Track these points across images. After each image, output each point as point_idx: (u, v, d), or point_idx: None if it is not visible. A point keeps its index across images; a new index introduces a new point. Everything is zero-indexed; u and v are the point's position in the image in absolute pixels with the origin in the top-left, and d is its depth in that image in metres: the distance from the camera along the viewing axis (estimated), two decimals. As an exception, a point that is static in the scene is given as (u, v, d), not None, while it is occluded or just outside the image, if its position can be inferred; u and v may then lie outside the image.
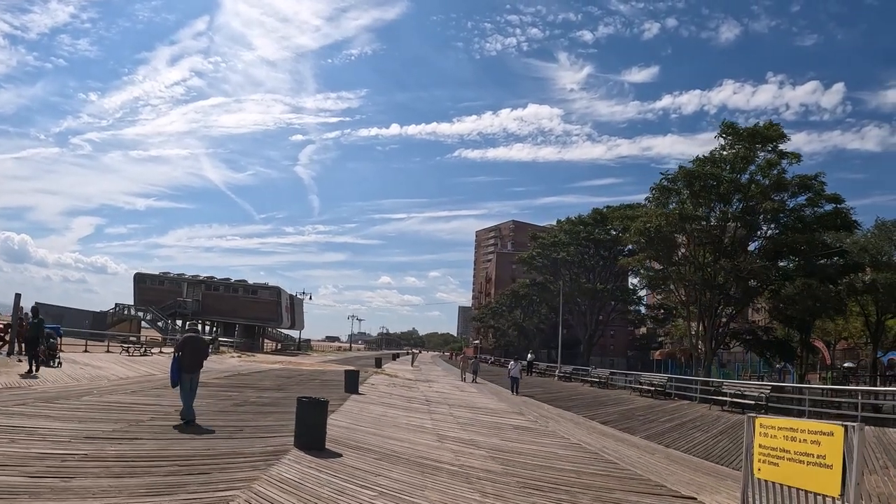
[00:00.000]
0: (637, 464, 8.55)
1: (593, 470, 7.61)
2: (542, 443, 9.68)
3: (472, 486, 6.02)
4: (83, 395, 9.53)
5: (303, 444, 6.85)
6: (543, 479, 6.72)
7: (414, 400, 15.54)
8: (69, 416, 7.46)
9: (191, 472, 5.33)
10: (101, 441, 6.25)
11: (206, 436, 7.32)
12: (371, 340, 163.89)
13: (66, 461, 5.26)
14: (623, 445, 10.47)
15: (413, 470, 6.47)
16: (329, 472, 5.86)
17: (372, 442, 7.99)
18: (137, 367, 15.83)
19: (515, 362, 21.66)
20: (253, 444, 7.08)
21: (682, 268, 22.55)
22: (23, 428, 6.36)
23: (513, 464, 7.42)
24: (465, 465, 7.03)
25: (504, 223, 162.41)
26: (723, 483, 8.05)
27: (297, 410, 7.17)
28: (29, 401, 8.20)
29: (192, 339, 8.53)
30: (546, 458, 8.18)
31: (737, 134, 21.86)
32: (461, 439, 9.17)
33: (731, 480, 8.24)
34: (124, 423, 7.50)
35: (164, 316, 41.45)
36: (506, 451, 8.33)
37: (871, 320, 23.78)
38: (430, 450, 7.91)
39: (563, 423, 13.16)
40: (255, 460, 6.03)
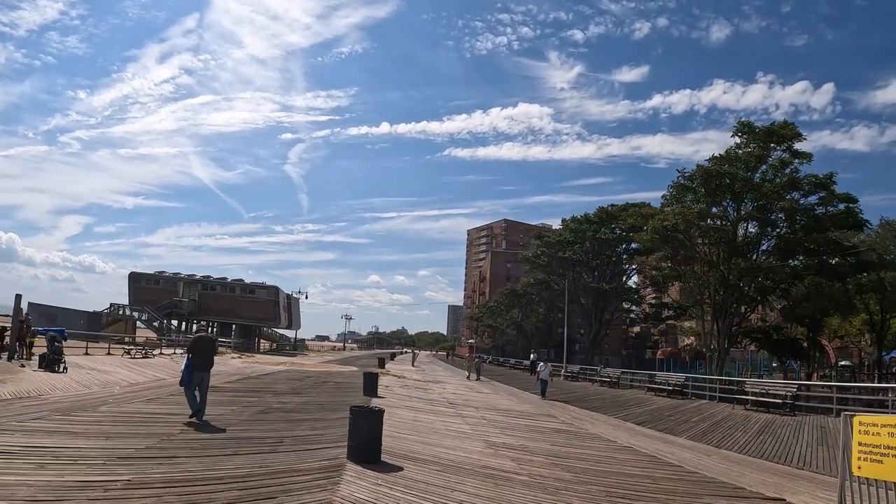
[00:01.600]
0: (701, 466, 8.26)
1: (663, 474, 7.35)
2: (593, 446, 9.37)
3: (556, 497, 5.68)
4: (99, 404, 8.79)
5: (358, 456, 6.38)
6: (622, 486, 6.45)
7: (436, 402, 15.04)
8: (94, 432, 6.76)
9: (256, 497, 4.74)
10: (138, 462, 5.60)
11: (248, 449, 6.74)
12: (362, 340, 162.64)
13: (109, 490, 4.62)
14: (674, 447, 10.18)
15: (486, 482, 6.03)
16: (401, 489, 5.40)
17: (423, 451, 7.55)
18: (144, 370, 15.00)
19: (545, 364, 20.52)
20: (301, 457, 6.53)
21: (698, 266, 22.44)
22: (48, 448, 5.66)
23: (579, 471, 7.09)
24: (535, 475, 6.64)
25: (496, 222, 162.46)
26: (797, 482, 7.84)
27: (350, 420, 6.68)
28: (45, 413, 7.46)
29: (202, 338, 8.69)
30: (608, 463, 7.86)
31: (752, 133, 21.83)
32: (510, 445, 8.79)
33: (802, 480, 8.09)
34: (155, 437, 6.84)
35: (159, 316, 40.19)
36: (564, 457, 7.98)
37: (876, 319, 24.05)
38: (486, 458, 7.49)
39: (599, 424, 12.83)
40: (316, 478, 5.51)
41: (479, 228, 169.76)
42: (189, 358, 8.31)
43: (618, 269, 41.36)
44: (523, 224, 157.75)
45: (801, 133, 21.18)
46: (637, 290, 41.68)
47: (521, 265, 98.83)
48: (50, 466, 5.07)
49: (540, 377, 19.50)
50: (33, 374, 11.15)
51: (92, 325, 31.75)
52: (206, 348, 8.54)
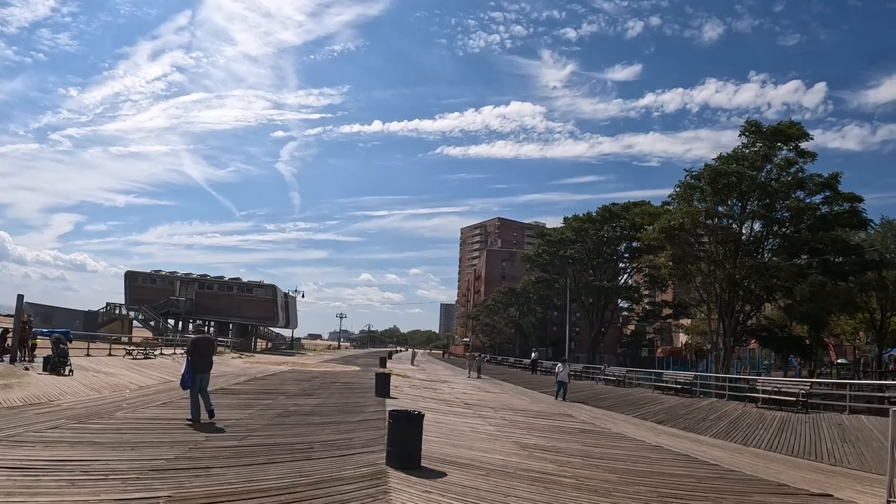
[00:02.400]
0: (736, 464, 8.23)
1: (704, 473, 7.32)
2: (624, 446, 9.32)
3: (609, 499, 5.61)
4: (114, 410, 8.40)
5: (398, 462, 6.19)
6: (668, 486, 6.44)
7: (452, 403, 14.83)
8: (117, 441, 6.39)
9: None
10: (172, 474, 5.27)
11: (282, 456, 6.46)
12: (355, 338, 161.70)
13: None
14: (702, 446, 10.11)
15: (535, 485, 5.90)
16: (453, 496, 5.23)
17: (459, 455, 7.35)
18: (149, 372, 14.54)
19: (564, 364, 18.82)
20: (338, 464, 6.27)
21: (704, 264, 22.50)
22: (75, 462, 5.29)
23: (621, 471, 7.06)
24: (579, 477, 6.55)
25: (489, 220, 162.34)
26: (834, 478, 7.83)
27: (390, 425, 6.51)
28: (61, 421, 7.06)
29: (202, 339, 8.63)
30: (646, 463, 7.81)
31: (759, 132, 21.90)
32: (542, 446, 8.69)
33: (839, 476, 8.10)
34: (181, 445, 6.49)
35: (156, 315, 39.33)
36: (600, 458, 7.92)
37: (876, 317, 24.36)
38: (523, 460, 7.38)
39: (619, 423, 12.76)
40: (362, 486, 5.30)
41: (472, 227, 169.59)
42: (189, 360, 8.22)
43: (618, 268, 41.44)
44: (517, 223, 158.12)
45: (808, 133, 21.36)
46: (637, 288, 41.78)
47: (516, 264, 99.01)
48: (81, 483, 4.71)
49: (558, 378, 18.03)
50: (39, 377, 10.66)
51: (88, 325, 30.90)
52: (205, 349, 8.51)
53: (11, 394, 8.51)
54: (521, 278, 78.12)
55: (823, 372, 25.38)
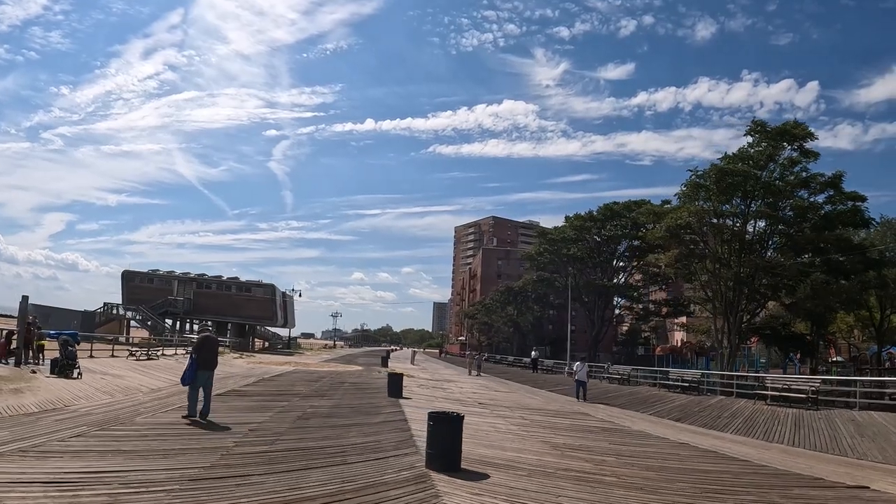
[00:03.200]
0: (766, 460, 8.31)
1: (739, 469, 7.36)
2: (651, 444, 9.33)
3: (659, 497, 5.61)
4: (133, 415, 8.11)
5: (438, 464, 6.10)
6: (709, 482, 6.45)
7: (465, 402, 14.69)
8: (146, 449, 6.14)
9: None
10: (213, 483, 5.06)
11: (317, 461, 6.28)
12: (348, 337, 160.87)
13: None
14: (725, 442, 10.12)
15: (580, 485, 5.87)
16: (504, 499, 5.15)
17: (494, 455, 7.25)
18: (156, 373, 14.18)
19: (582, 363, 17.83)
20: (376, 468, 6.12)
21: (709, 263, 22.62)
22: (110, 474, 5.01)
23: (657, 469, 7.07)
24: (619, 475, 6.54)
25: (484, 219, 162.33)
26: (865, 472, 7.97)
27: (430, 427, 6.38)
28: (83, 428, 6.77)
29: (208, 338, 8.76)
30: (678, 460, 7.86)
31: (765, 132, 22.03)
32: (571, 445, 8.66)
33: (868, 469, 8.26)
34: (212, 452, 6.26)
35: (154, 315, 38.61)
36: (632, 456, 7.94)
37: (875, 316, 24.69)
38: (559, 459, 7.35)
39: (637, 421, 12.78)
40: (409, 491, 5.18)
41: (466, 225, 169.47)
42: (194, 358, 8.32)
43: (618, 266, 41.59)
44: (511, 221, 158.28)
45: (812, 133, 21.54)
46: (637, 287, 41.97)
47: (512, 262, 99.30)
48: (124, 498, 4.45)
49: (576, 378, 17.22)
50: (48, 381, 10.29)
51: (86, 325, 30.20)
52: (211, 348, 8.61)
53: (24, 399, 8.17)
54: (516, 277, 78.27)
55: (821, 369, 25.70)
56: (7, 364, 11.28)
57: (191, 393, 8.27)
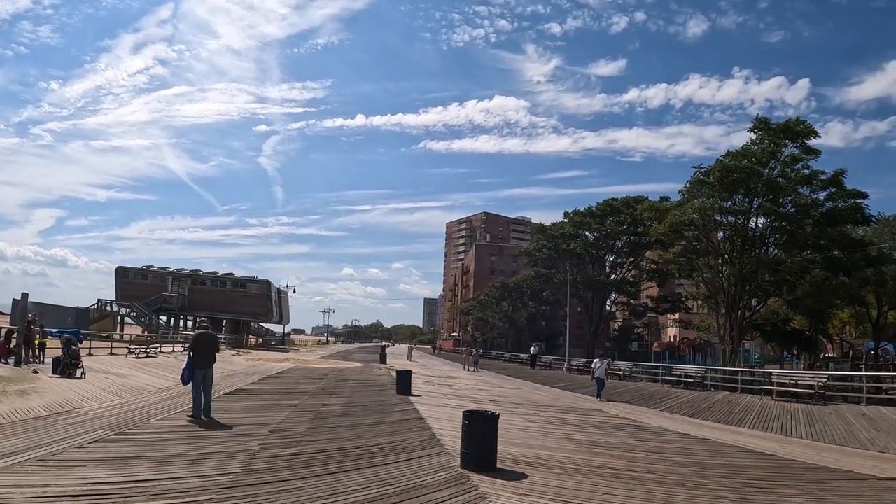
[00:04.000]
0: (792, 454, 8.37)
1: (769, 464, 7.43)
2: (675, 440, 9.33)
3: (702, 492, 5.63)
4: (146, 417, 7.79)
5: (474, 464, 5.99)
6: (744, 476, 6.49)
7: (475, 399, 14.54)
8: (171, 455, 5.84)
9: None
10: (251, 490, 4.82)
11: (348, 464, 6.05)
12: (339, 333, 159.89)
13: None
14: (746, 438, 10.16)
15: (621, 483, 5.82)
16: (550, 498, 5.10)
17: (524, 453, 7.15)
18: (159, 372, 13.75)
19: (601, 360, 17.34)
20: (410, 469, 5.97)
21: (712, 259, 22.76)
22: (140, 484, 4.70)
23: (690, 465, 7.07)
24: (656, 472, 6.53)
25: (475, 215, 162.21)
26: (891, 464, 8.10)
27: (465, 427, 6.25)
28: (98, 432, 6.44)
29: (204, 335, 8.63)
30: (707, 455, 7.88)
31: (768, 129, 22.15)
32: (597, 442, 8.61)
33: (893, 462, 8.38)
34: (239, 457, 6.00)
35: (149, 312, 37.77)
36: (661, 452, 7.92)
37: (873, 312, 25.12)
38: (591, 457, 7.31)
39: (653, 417, 12.86)
40: (453, 493, 5.05)
41: (458, 221, 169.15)
42: (190, 356, 8.24)
43: (616, 262, 41.76)
44: (503, 217, 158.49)
45: (815, 130, 21.74)
46: (635, 283, 42.24)
47: (505, 258, 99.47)
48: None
49: (596, 376, 16.76)
50: (52, 381, 9.84)
51: (80, 322, 29.33)
52: (207, 346, 8.50)
53: (31, 401, 7.76)
54: (510, 273, 78.38)
55: (816, 365, 26.09)
56: (7, 364, 10.78)
57: (194, 393, 8.16)
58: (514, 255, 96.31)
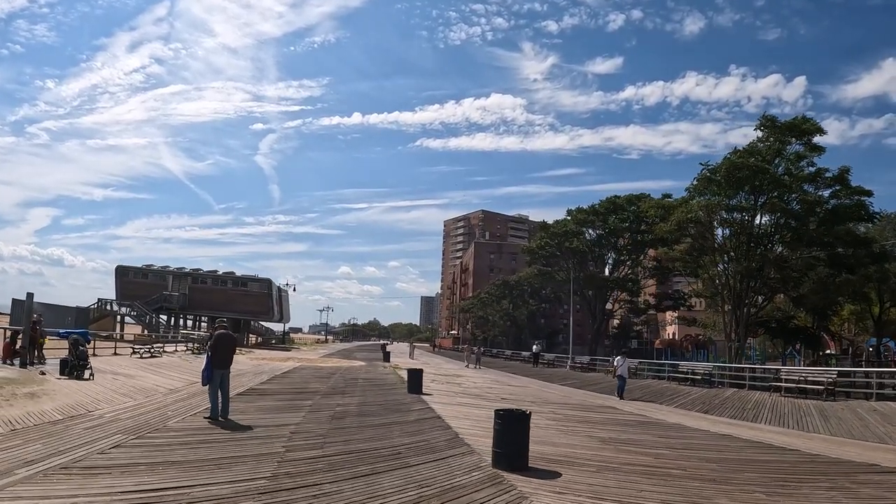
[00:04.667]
0: (816, 449, 8.40)
1: (795, 459, 7.46)
2: (696, 436, 9.28)
3: (738, 488, 5.62)
4: (162, 420, 7.59)
5: (507, 464, 5.92)
6: (773, 471, 6.49)
7: (486, 397, 14.44)
8: (196, 460, 5.66)
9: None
10: (289, 497, 4.64)
11: (378, 465, 5.91)
12: (337, 332, 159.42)
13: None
14: (765, 433, 10.10)
15: (654, 480, 5.78)
16: (589, 497, 5.04)
17: (551, 452, 7.04)
18: (167, 372, 13.53)
19: (623, 358, 16.74)
20: (442, 470, 5.84)
21: (718, 256, 22.74)
22: (170, 491, 4.49)
23: (717, 461, 7.07)
24: (686, 468, 6.52)
25: (473, 213, 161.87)
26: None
27: (497, 426, 6.16)
28: (117, 437, 6.24)
29: (223, 335, 8.48)
30: (730, 451, 7.86)
31: (775, 127, 22.13)
32: (619, 439, 8.54)
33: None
34: (266, 460, 5.83)
35: (149, 311, 37.35)
36: (685, 448, 7.90)
37: (875, 309, 25.20)
38: (617, 454, 7.26)
39: (668, 414, 12.91)
40: (493, 494, 4.97)
41: (455, 219, 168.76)
42: (209, 357, 8.08)
43: (619, 260, 41.72)
44: (501, 215, 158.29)
45: (822, 128, 21.76)
46: (637, 280, 42.25)
47: (504, 256, 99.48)
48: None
49: (618, 373, 16.17)
50: (61, 383, 9.58)
51: (80, 322, 28.95)
52: (227, 346, 8.37)
53: (43, 404, 7.52)
54: (509, 271, 78.28)
55: (819, 362, 26.15)
56: (13, 365, 10.51)
57: (211, 393, 8.06)
58: (513, 253, 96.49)
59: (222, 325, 9.70)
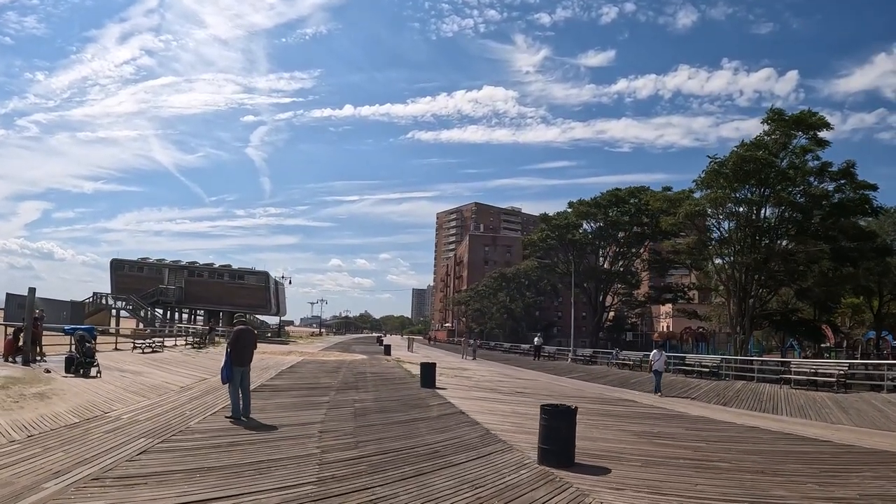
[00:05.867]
0: (846, 440, 8.41)
1: (831, 450, 7.51)
2: (725, 429, 9.20)
3: (785, 479, 5.65)
4: (184, 420, 7.21)
5: (554, 460, 5.81)
6: (815, 462, 6.56)
7: (500, 391, 14.28)
8: (233, 464, 5.34)
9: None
10: (344, 501, 4.35)
11: (422, 464, 5.69)
12: (330, 324, 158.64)
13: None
14: (790, 425, 10.04)
15: (703, 472, 5.74)
16: (649, 492, 4.95)
17: (590, 447, 6.84)
18: (175, 368, 13.04)
19: (660, 352, 15.73)
20: (487, 468, 5.66)
21: (727, 248, 22.75)
22: (215, 501, 4.18)
23: (754, 452, 7.09)
24: (729, 460, 6.52)
25: (466, 205, 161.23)
26: None
27: (544, 421, 6.04)
28: (142, 441, 5.85)
29: (244, 331, 8.12)
30: (768, 443, 7.90)
31: (782, 120, 22.06)
32: (651, 433, 8.45)
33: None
34: (305, 462, 5.55)
35: (145, 305, 36.56)
36: (721, 441, 7.91)
37: (875, 302, 25.51)
38: (655, 448, 7.17)
39: (687, 406, 12.93)
40: (551, 492, 4.84)
41: (448, 212, 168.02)
42: (229, 353, 7.73)
43: (619, 252, 41.71)
44: (494, 207, 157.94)
45: (828, 122, 21.73)
46: (636, 273, 42.32)
47: (499, 249, 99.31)
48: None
49: (653, 368, 15.30)
50: (68, 381, 9.08)
51: (75, 316, 28.12)
52: (248, 342, 8.01)
53: (55, 406, 7.06)
54: (503, 263, 78.03)
55: (819, 355, 26.41)
56: (15, 363, 9.96)
57: (232, 392, 7.70)
58: (508, 246, 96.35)
59: (241, 319, 9.20)
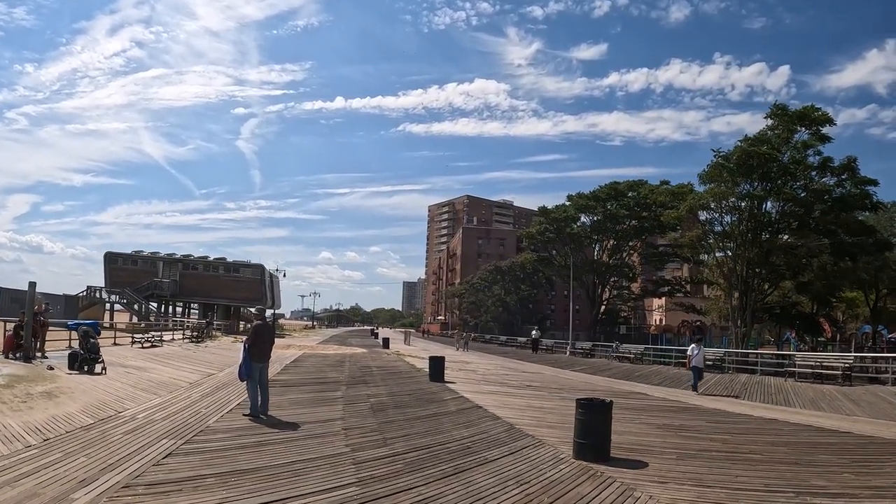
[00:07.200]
0: (866, 431, 8.41)
1: (855, 441, 7.57)
2: (745, 421, 9.17)
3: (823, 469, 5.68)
4: (201, 419, 6.93)
5: (590, 455, 5.73)
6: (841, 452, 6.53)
7: (509, 384, 14.21)
8: (264, 466, 5.12)
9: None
10: (392, 502, 4.16)
11: (456, 462, 5.52)
12: (322, 318, 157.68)
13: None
14: (808, 417, 10.09)
15: (741, 465, 5.73)
16: (693, 485, 4.81)
17: (622, 441, 6.69)
18: (180, 363, 12.70)
19: (698, 346, 14.47)
20: (523, 464, 5.55)
21: (729, 242, 22.87)
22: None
23: (784, 444, 7.02)
24: (761, 452, 6.54)
25: (458, 198, 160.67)
26: None
27: (580, 415, 5.96)
28: (164, 443, 5.56)
29: (263, 326, 8.02)
30: (790, 435, 7.90)
31: (786, 116, 22.12)
32: (670, 426, 8.42)
33: None
34: (339, 462, 5.36)
35: (139, 298, 35.86)
36: (745, 433, 7.92)
37: (871, 297, 25.92)
38: (681, 440, 7.22)
39: (702, 399, 12.78)
40: (596, 487, 4.73)
41: (440, 205, 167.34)
42: (247, 349, 7.47)
43: (617, 246, 41.87)
44: (486, 200, 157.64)
45: (831, 118, 21.88)
46: (633, 267, 42.55)
47: (492, 242, 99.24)
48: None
49: (692, 364, 14.04)
50: (74, 378, 8.70)
51: (69, 310, 27.35)
52: (267, 338, 7.87)
53: (65, 406, 6.71)
54: (496, 256, 78.01)
55: (803, 348, 26.87)
56: (17, 360, 9.53)
57: (250, 389, 7.40)
58: (501, 239, 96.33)
59: (261, 314, 8.82)
